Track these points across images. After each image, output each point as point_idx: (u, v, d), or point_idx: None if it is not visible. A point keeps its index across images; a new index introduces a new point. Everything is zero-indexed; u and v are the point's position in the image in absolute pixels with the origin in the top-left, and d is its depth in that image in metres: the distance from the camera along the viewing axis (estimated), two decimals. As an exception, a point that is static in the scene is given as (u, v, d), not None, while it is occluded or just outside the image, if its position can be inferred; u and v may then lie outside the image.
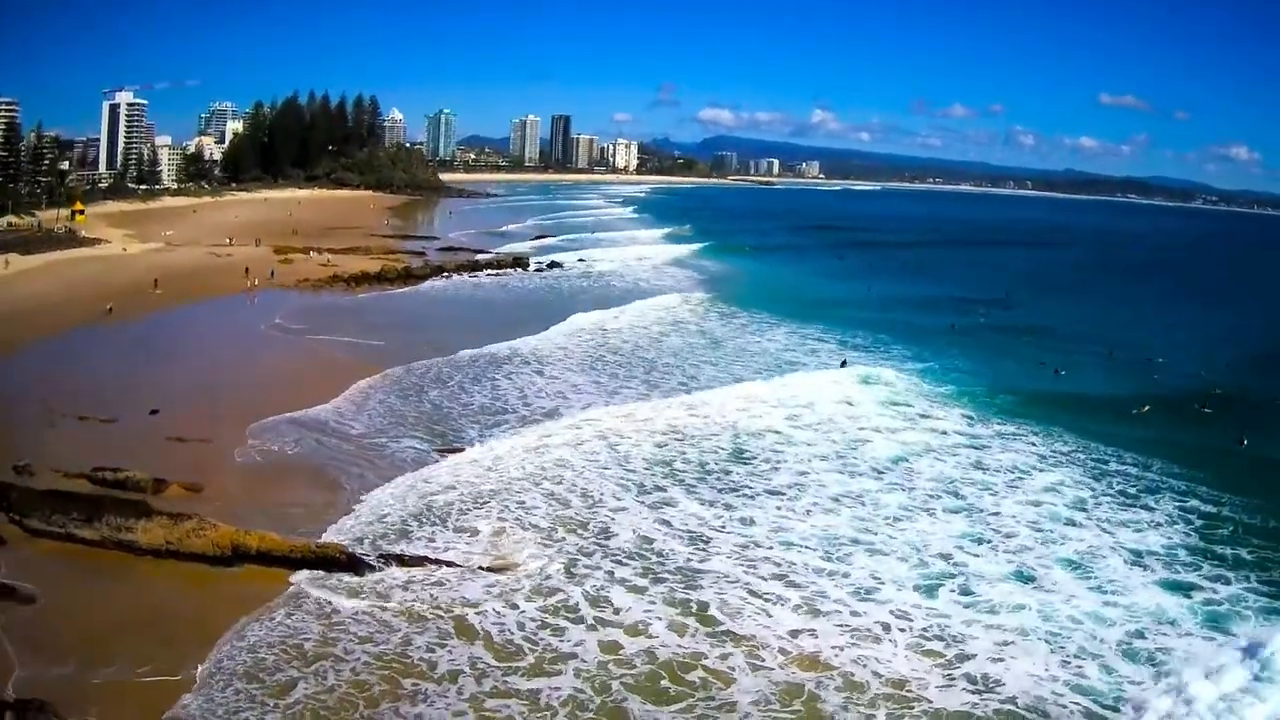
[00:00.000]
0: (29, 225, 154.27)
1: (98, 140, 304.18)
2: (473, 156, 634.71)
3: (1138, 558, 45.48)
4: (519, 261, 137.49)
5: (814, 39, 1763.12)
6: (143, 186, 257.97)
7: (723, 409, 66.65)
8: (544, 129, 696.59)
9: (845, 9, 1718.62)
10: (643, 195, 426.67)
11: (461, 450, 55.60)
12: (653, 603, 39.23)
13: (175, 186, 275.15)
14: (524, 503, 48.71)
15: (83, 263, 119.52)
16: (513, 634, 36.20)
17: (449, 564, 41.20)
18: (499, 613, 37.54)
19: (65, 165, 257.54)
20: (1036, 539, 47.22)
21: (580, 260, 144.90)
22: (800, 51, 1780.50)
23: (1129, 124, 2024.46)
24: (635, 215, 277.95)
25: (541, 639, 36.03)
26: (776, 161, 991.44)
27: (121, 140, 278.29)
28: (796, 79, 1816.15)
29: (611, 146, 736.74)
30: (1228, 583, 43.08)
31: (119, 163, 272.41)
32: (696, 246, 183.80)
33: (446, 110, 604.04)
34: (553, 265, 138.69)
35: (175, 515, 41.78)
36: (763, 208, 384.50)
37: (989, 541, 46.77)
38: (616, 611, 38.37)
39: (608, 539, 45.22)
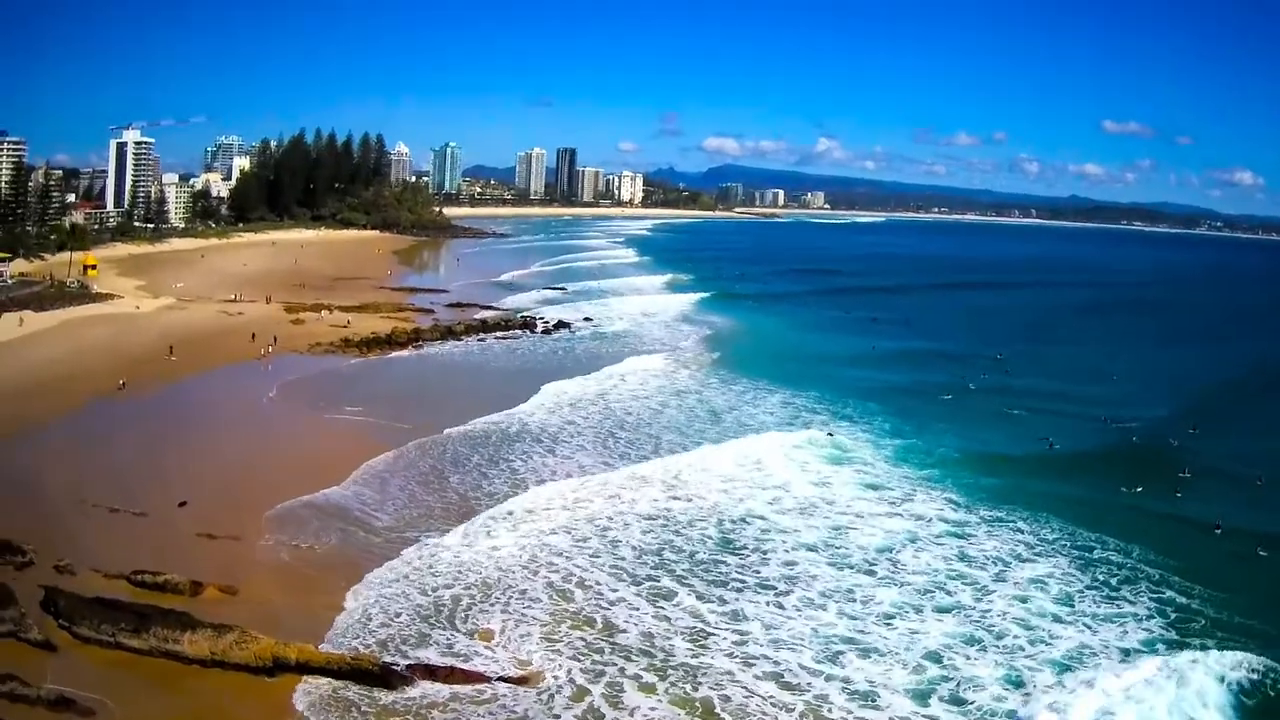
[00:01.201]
0: (40, 273, 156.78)
1: (104, 172, 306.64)
2: (478, 190, 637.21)
3: (1126, 656, 47.47)
4: (527, 323, 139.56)
5: (818, 67, 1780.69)
6: (150, 226, 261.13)
7: (708, 490, 69.53)
8: (549, 160, 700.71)
9: (849, 37, 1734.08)
10: (647, 233, 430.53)
11: (486, 539, 58.08)
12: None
13: (182, 226, 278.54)
14: (525, 593, 51.44)
15: (96, 322, 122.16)
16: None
17: (477, 676, 43.35)
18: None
19: (71, 197, 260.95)
20: (1026, 638, 49.01)
21: (586, 319, 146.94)
22: (804, 80, 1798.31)
23: (1133, 150, 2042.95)
24: (639, 259, 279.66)
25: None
26: (781, 192, 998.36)
27: (129, 178, 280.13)
28: (801, 107, 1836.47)
29: (616, 179, 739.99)
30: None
31: (126, 201, 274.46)
32: (698, 297, 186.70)
33: (452, 143, 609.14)
34: (559, 325, 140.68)
35: (218, 627, 43.99)
36: (767, 248, 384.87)
37: (979, 642, 48.54)
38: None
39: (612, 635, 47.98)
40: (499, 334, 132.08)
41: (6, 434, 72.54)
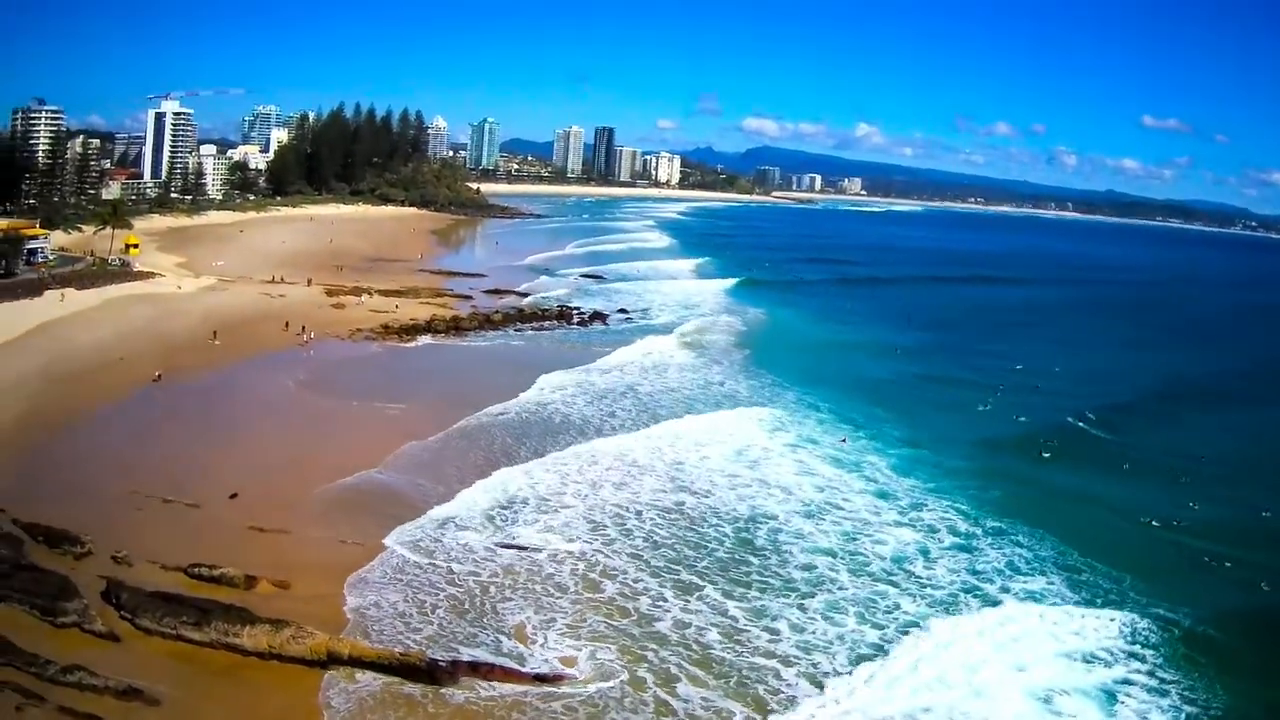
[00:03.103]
0: (78, 246, 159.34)
1: (140, 138, 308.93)
2: (515, 166, 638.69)
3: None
4: (563, 314, 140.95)
5: (859, 52, 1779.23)
6: (188, 198, 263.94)
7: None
8: (587, 137, 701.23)
9: (890, 23, 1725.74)
10: (684, 217, 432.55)
11: (530, 547, 59.33)
12: None
13: (219, 198, 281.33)
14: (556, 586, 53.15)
15: (138, 302, 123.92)
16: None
17: (516, 674, 45.23)
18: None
19: (106, 163, 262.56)
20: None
21: (621, 312, 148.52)
22: (845, 64, 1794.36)
23: (1171, 146, 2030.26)
24: (675, 246, 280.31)
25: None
26: (819, 178, 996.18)
27: (167, 149, 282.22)
28: (841, 91, 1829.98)
29: (654, 160, 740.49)
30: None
31: (164, 172, 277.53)
32: (732, 285, 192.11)
33: (490, 119, 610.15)
34: (595, 317, 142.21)
35: (275, 622, 45.98)
36: (803, 237, 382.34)
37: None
38: None
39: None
40: (534, 325, 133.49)
41: (57, 421, 74.28)
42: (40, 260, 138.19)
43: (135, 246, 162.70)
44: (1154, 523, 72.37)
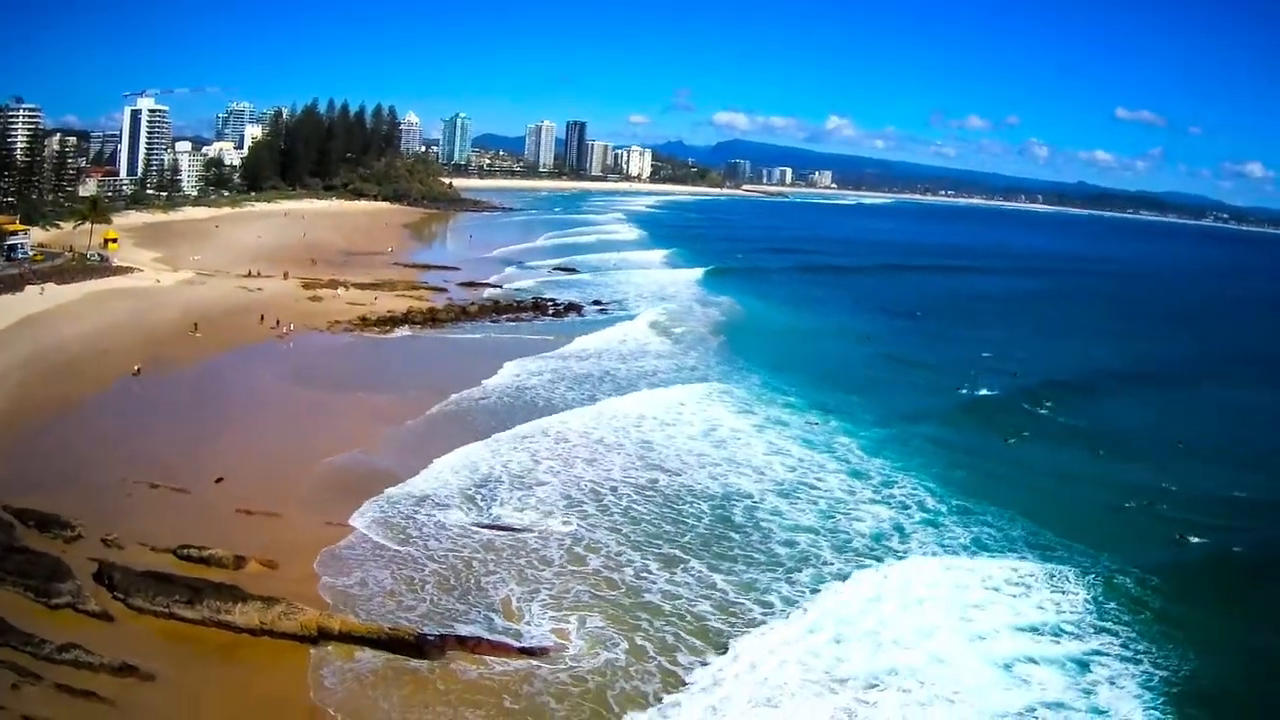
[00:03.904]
0: (57, 243, 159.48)
1: (115, 137, 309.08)
2: (487, 161, 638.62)
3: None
4: (538, 305, 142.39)
5: (831, 46, 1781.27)
6: (164, 195, 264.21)
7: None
8: (559, 132, 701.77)
9: (864, 17, 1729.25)
10: (655, 210, 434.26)
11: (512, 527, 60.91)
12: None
13: (195, 194, 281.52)
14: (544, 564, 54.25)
15: (118, 296, 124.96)
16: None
17: (503, 646, 46.63)
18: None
19: (82, 162, 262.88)
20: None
21: (595, 303, 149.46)
22: (817, 58, 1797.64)
23: (1144, 139, 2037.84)
24: (647, 240, 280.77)
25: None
26: (789, 170, 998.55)
27: (143, 147, 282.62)
28: (812, 85, 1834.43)
29: (625, 154, 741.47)
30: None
31: (140, 169, 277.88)
32: (701, 274, 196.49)
33: (462, 114, 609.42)
34: (570, 308, 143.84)
35: (266, 599, 47.42)
36: (775, 230, 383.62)
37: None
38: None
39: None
40: (510, 316, 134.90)
41: (44, 411, 75.33)
42: (24, 256, 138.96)
43: (114, 241, 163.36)
44: (1127, 502, 74.20)
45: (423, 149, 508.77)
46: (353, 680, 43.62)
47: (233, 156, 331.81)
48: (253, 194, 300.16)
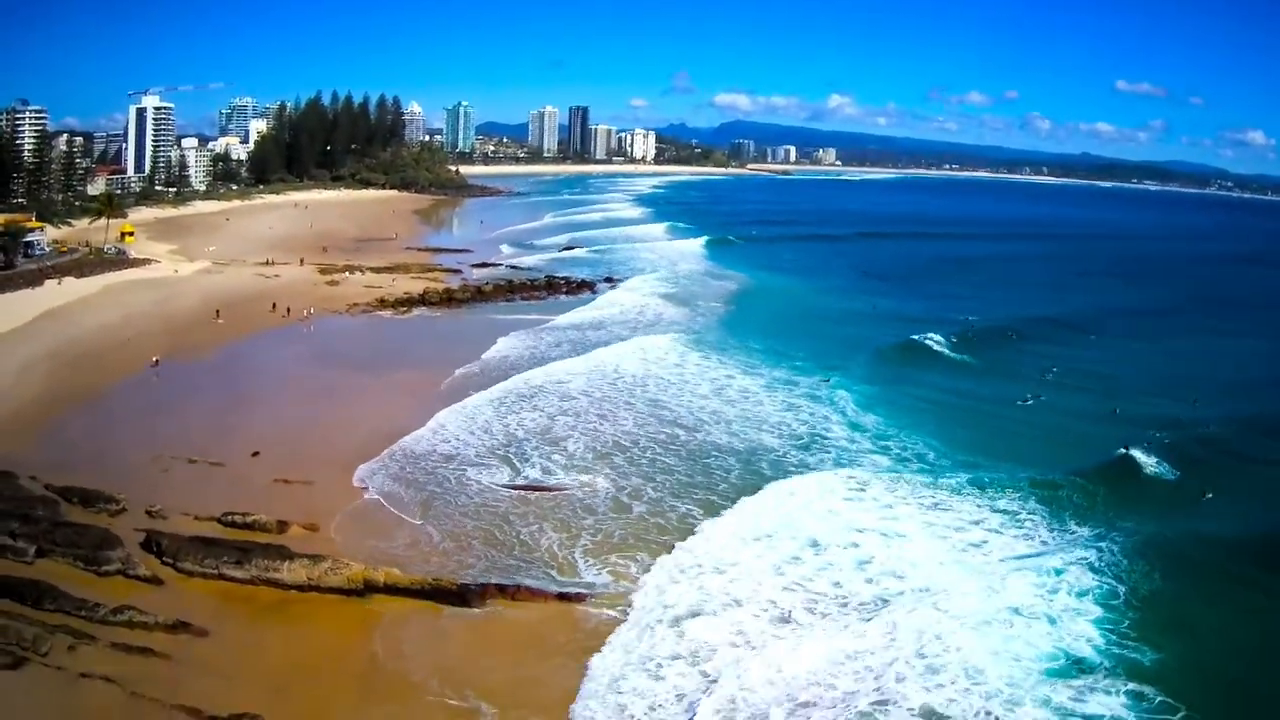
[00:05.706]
0: (71, 240, 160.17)
1: (118, 136, 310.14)
2: (491, 148, 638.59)
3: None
4: (551, 284, 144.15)
5: (831, 25, 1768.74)
6: (172, 190, 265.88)
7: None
8: (562, 118, 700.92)
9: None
10: (660, 190, 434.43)
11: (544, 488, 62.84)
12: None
13: (204, 188, 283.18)
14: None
15: (138, 287, 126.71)
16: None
17: (542, 594, 48.62)
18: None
19: (89, 162, 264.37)
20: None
21: (607, 280, 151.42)
22: (817, 37, 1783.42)
23: (1145, 110, 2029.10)
24: (650, 216, 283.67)
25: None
26: (793, 149, 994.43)
27: (149, 144, 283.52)
28: (813, 64, 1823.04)
29: (629, 136, 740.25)
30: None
31: (147, 166, 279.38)
32: (709, 249, 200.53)
33: (465, 102, 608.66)
34: (582, 285, 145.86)
35: (312, 556, 49.41)
36: (781, 205, 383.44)
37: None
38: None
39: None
40: (524, 295, 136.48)
41: (76, 398, 77.10)
42: (40, 253, 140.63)
43: (130, 234, 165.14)
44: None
45: (426, 138, 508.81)
46: (402, 629, 45.34)
47: (239, 151, 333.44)
48: (260, 187, 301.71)
